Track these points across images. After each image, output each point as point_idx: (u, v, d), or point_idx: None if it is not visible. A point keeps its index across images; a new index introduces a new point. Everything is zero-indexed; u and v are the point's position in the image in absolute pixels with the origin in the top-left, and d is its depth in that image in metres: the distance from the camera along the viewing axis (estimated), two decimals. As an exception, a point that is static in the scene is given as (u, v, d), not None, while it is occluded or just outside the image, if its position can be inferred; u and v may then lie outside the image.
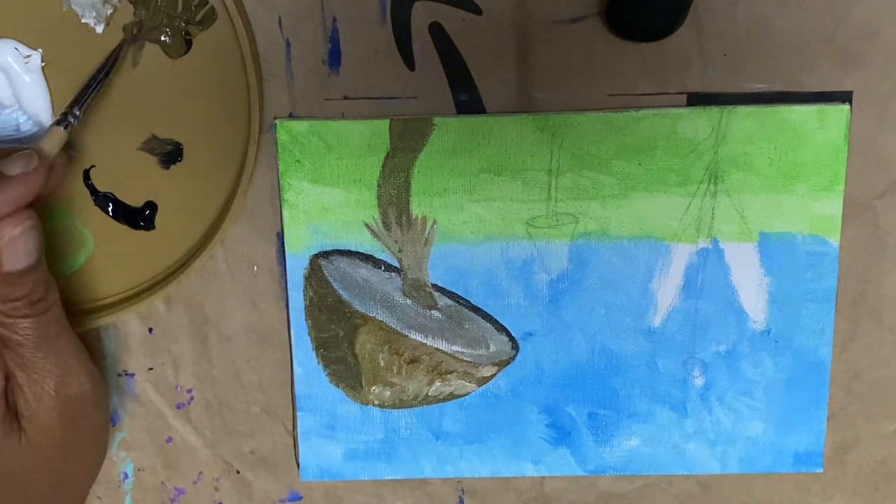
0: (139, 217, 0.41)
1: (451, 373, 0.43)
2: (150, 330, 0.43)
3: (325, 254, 0.41)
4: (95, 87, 0.38)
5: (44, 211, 0.41)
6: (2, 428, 0.35)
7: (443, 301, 0.42)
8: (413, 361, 0.42)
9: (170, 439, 0.44)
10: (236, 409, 0.44)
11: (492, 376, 0.43)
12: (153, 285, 0.42)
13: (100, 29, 0.39)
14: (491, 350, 0.42)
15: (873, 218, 0.41)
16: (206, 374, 0.43)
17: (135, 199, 0.41)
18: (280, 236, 0.41)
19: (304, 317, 0.42)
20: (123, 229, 0.41)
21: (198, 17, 0.39)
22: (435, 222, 0.41)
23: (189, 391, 0.43)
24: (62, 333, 0.36)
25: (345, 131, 0.40)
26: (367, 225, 0.41)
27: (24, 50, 0.39)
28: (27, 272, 0.34)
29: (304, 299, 0.42)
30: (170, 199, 0.41)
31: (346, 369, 0.43)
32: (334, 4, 0.39)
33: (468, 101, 0.40)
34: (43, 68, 0.39)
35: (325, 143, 0.40)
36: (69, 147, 0.40)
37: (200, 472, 0.44)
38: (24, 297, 0.34)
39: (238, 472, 0.44)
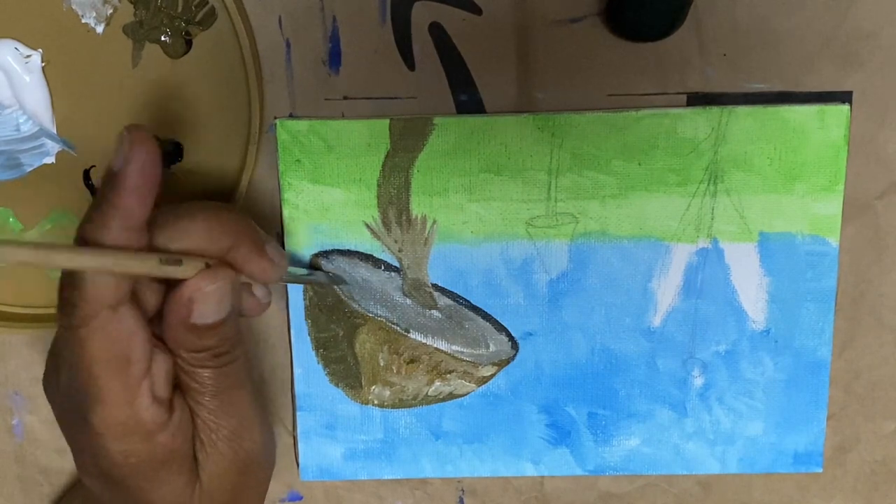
0: (139, 217, 0.41)
1: (450, 372, 0.43)
2: (151, 330, 0.43)
3: (325, 253, 0.41)
4: None
5: (44, 211, 0.41)
6: (188, 475, 0.35)
7: (443, 301, 0.42)
8: (413, 361, 0.42)
9: (170, 439, 0.44)
10: (236, 408, 0.44)
11: (491, 376, 0.43)
12: (153, 285, 0.41)
13: (100, 29, 0.39)
14: (491, 350, 0.42)
15: (873, 218, 0.41)
16: (206, 374, 0.43)
17: (135, 199, 0.41)
18: (280, 236, 0.41)
19: (304, 317, 0.42)
20: (123, 229, 0.41)
21: (198, 17, 0.39)
22: (435, 222, 0.41)
23: (189, 391, 0.43)
24: (242, 387, 0.36)
25: (345, 131, 0.40)
26: (366, 224, 0.41)
27: (24, 50, 0.39)
28: (215, 326, 0.34)
29: (304, 299, 0.42)
30: (170, 199, 0.41)
31: (345, 369, 0.43)
32: (334, 4, 0.39)
33: (468, 101, 0.40)
34: (43, 68, 0.39)
35: (325, 142, 0.40)
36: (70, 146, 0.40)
37: (200, 472, 0.44)
38: (209, 349, 0.34)
39: (238, 472, 0.44)
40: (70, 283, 0.31)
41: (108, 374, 0.32)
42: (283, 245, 0.41)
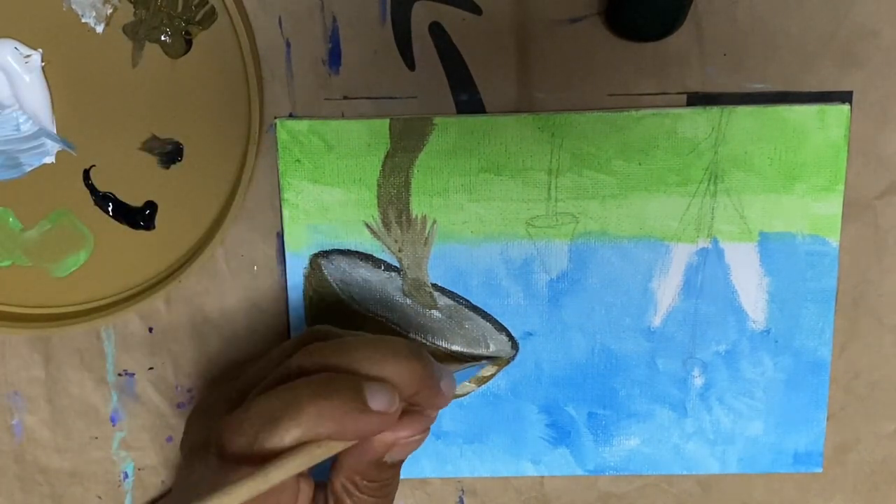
0: (139, 217, 0.41)
1: (450, 373, 0.43)
2: (150, 330, 0.43)
3: (325, 253, 0.41)
4: None
5: (44, 211, 0.41)
6: None
7: (443, 301, 0.42)
8: (413, 361, 0.42)
9: (170, 439, 0.44)
10: (236, 408, 0.44)
11: (491, 376, 0.43)
12: (153, 285, 0.42)
13: (100, 29, 0.39)
14: (491, 350, 0.42)
15: (873, 218, 0.41)
16: (206, 374, 0.43)
17: (135, 199, 0.41)
18: (280, 236, 0.41)
19: (304, 317, 0.42)
20: (123, 229, 0.41)
21: (198, 17, 0.39)
22: (435, 222, 0.41)
23: (189, 391, 0.43)
24: None
25: (345, 131, 0.40)
26: (366, 224, 0.41)
27: (24, 50, 0.39)
28: (398, 464, 0.35)
29: (304, 299, 0.42)
30: (170, 199, 0.41)
31: (346, 369, 0.43)
32: (334, 4, 0.39)
33: (468, 101, 0.40)
34: (43, 68, 0.39)
35: (325, 142, 0.40)
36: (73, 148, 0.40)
37: (200, 472, 0.44)
38: (383, 480, 0.35)
39: (238, 472, 0.44)
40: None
41: None
42: (283, 245, 0.41)
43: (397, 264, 0.42)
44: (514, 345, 0.42)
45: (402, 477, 0.44)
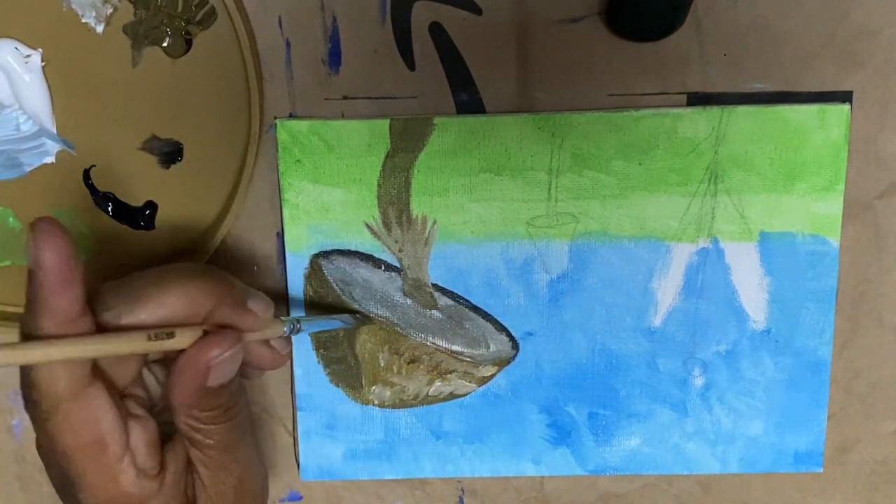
0: (139, 217, 0.41)
1: (451, 372, 0.43)
2: (151, 330, 0.43)
3: (326, 254, 0.41)
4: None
5: (44, 211, 0.41)
6: None
7: (443, 301, 0.42)
8: (413, 361, 0.42)
9: (170, 439, 0.44)
10: (236, 408, 0.44)
11: (492, 376, 0.43)
12: (153, 285, 0.41)
13: (100, 29, 0.39)
14: (491, 350, 0.42)
15: (873, 218, 0.41)
16: (207, 374, 0.43)
17: (135, 199, 0.41)
18: (280, 236, 0.41)
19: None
20: (123, 229, 0.41)
21: (198, 17, 0.39)
22: (435, 222, 0.41)
23: (189, 391, 0.43)
24: (247, 434, 0.37)
25: (345, 131, 0.40)
26: (367, 225, 0.41)
27: (24, 50, 0.39)
28: (227, 385, 0.34)
29: (304, 299, 0.42)
30: (170, 199, 0.41)
31: (346, 369, 0.43)
32: (334, 4, 0.39)
33: (468, 101, 0.40)
34: (43, 68, 0.39)
35: (325, 142, 0.40)
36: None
37: (200, 472, 0.44)
38: (221, 405, 0.35)
39: (238, 472, 0.44)
40: (26, 381, 0.32)
41: (85, 460, 0.32)
42: (283, 245, 0.41)
43: (397, 264, 0.42)
44: (515, 345, 0.42)
45: (402, 477, 0.44)
